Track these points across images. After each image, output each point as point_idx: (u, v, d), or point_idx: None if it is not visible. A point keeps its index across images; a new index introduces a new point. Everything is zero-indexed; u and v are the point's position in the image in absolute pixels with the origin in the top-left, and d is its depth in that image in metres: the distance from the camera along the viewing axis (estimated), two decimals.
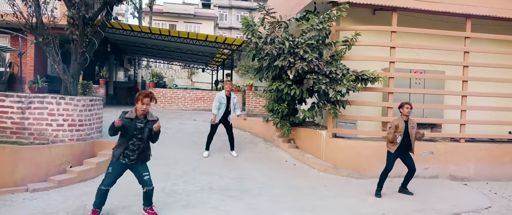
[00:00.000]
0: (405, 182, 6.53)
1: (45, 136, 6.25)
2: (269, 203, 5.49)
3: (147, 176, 4.65)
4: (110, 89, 23.94)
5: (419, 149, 7.92)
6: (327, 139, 8.14)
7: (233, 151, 8.24)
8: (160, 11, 41.21)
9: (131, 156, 4.49)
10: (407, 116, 6.13)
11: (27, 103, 6.16)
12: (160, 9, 41.53)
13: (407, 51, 8.51)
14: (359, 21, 8.73)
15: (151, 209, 4.78)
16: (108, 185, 4.52)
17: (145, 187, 4.66)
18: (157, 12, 40.21)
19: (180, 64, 33.46)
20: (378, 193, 6.24)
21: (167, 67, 40.96)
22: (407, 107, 6.08)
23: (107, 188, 4.53)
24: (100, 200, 4.53)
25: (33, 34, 6.42)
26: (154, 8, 39.44)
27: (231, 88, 8.00)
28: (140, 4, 35.86)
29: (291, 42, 7.44)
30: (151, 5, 35.63)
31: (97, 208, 4.55)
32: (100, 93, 15.67)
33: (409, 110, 6.09)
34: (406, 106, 6.09)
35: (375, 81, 7.65)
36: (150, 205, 4.78)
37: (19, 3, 6.25)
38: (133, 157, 4.50)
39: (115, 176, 4.55)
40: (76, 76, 6.65)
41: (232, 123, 11.39)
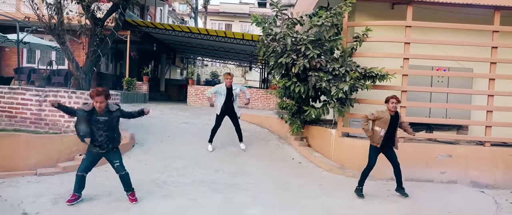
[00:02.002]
0: (398, 181, 6.17)
1: (58, 126, 6.91)
2: (248, 198, 5.54)
3: (117, 163, 4.97)
4: (162, 86, 25.38)
5: (436, 151, 7.43)
6: (336, 138, 7.94)
7: (242, 143, 8.31)
8: (216, 11, 42.46)
9: (102, 146, 4.84)
10: (393, 111, 5.81)
11: (44, 96, 6.85)
12: (216, 9, 42.79)
13: (430, 47, 7.96)
14: (375, 16, 8.39)
15: (131, 194, 5.08)
16: (83, 171, 4.89)
17: (118, 173, 5.00)
18: (213, 12, 41.53)
19: (235, 63, 34.31)
20: (360, 193, 5.96)
21: (223, 66, 42.29)
22: (392, 101, 5.77)
23: (82, 174, 4.88)
24: (78, 185, 4.90)
25: (51, 35, 7.12)
26: (210, 8, 40.87)
27: (231, 82, 8.03)
28: (196, 4, 37.36)
29: (293, 39, 7.37)
30: (206, 5, 36.95)
31: (76, 192, 4.92)
32: (143, 90, 16.67)
33: (395, 105, 5.76)
34: (392, 101, 5.77)
35: (383, 79, 7.31)
36: (130, 190, 5.08)
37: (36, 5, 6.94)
38: (104, 146, 4.84)
39: (89, 162, 4.92)
40: (88, 72, 7.24)
41: (252, 120, 11.57)
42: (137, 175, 6.36)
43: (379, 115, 5.87)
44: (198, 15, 39.07)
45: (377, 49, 8.08)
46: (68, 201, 4.85)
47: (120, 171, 4.99)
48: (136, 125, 9.57)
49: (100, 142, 4.81)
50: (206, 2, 36.10)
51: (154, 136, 8.81)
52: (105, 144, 4.85)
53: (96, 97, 4.64)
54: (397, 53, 7.69)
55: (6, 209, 4.66)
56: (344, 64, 7.43)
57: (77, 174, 4.88)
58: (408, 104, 7.76)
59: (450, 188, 7.00)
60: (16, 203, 4.84)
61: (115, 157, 4.99)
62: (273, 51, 7.76)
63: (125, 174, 5.02)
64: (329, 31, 7.84)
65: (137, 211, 4.81)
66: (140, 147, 7.94)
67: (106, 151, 4.90)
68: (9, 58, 16.70)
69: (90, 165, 4.95)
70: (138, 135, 8.63)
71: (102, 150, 4.87)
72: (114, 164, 4.98)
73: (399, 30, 7.92)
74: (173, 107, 15.15)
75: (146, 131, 9.18)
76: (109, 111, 4.84)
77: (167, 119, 11.22)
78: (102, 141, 4.81)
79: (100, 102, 4.66)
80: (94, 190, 5.42)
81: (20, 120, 6.92)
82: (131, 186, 5.09)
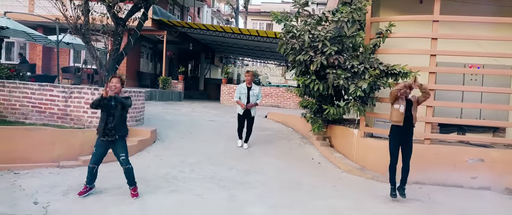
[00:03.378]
0: (402, 180, 5.75)
1: (82, 121, 7.26)
2: (253, 196, 5.48)
3: (123, 157, 5.14)
4: (201, 85, 25.95)
5: (466, 154, 6.92)
6: (358, 138, 7.65)
7: (245, 143, 8.24)
8: (257, 11, 42.61)
9: (110, 131, 5.04)
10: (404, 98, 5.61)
11: (69, 93, 7.23)
12: (258, 9, 42.92)
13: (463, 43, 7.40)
14: (402, 12, 7.98)
15: (133, 189, 5.21)
16: (95, 163, 5.11)
17: (122, 167, 5.17)
18: (254, 12, 41.70)
19: (274, 63, 34.26)
20: (393, 192, 5.71)
21: (263, 66, 42.41)
22: None
23: (94, 166, 5.10)
24: (90, 176, 5.12)
25: (77, 34, 7.51)
26: (251, 8, 41.12)
27: (251, 79, 8.00)
28: (237, 5, 37.75)
29: (311, 35, 7.19)
30: (246, 5, 37.24)
31: (88, 184, 5.15)
32: (178, 88, 17.12)
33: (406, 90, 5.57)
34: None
35: (406, 77, 6.91)
36: (132, 185, 5.22)
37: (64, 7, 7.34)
38: (112, 132, 5.04)
39: (99, 154, 5.13)
40: (111, 70, 7.53)
41: (278, 119, 11.45)
42: (151, 170, 6.54)
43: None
44: (240, 15, 39.49)
45: (404, 46, 7.66)
46: (79, 193, 5.08)
47: (124, 165, 5.14)
48: (162, 122, 9.86)
49: (109, 128, 5.02)
50: (246, 2, 36.36)
51: (177, 133, 9.00)
52: (114, 130, 5.04)
53: (113, 79, 5.07)
54: (423, 50, 7.24)
55: (20, 198, 4.96)
56: (365, 62, 7.12)
57: (88, 166, 5.13)
58: (436, 104, 7.30)
59: (479, 195, 6.48)
60: (31, 193, 5.13)
61: (122, 151, 5.16)
62: (292, 48, 7.62)
63: (129, 169, 5.16)
64: (351, 28, 7.57)
65: (140, 204, 4.93)
66: (161, 143, 8.14)
67: (114, 140, 5.08)
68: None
69: (100, 156, 5.15)
70: (162, 131, 8.87)
71: (111, 138, 5.04)
72: (120, 157, 5.14)
73: (428, 26, 7.45)
74: (206, 105, 15.42)
75: (171, 127, 9.41)
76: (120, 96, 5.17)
77: (195, 116, 11.44)
78: (112, 127, 5.02)
79: (115, 82, 5.03)
80: (105, 183, 5.62)
81: (49, 115, 7.34)
82: (134, 181, 5.22)
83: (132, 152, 7.29)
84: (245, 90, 7.95)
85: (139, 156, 7.28)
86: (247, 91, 7.95)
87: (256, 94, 8.01)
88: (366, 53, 7.29)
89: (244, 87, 8.00)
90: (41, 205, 4.72)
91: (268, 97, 16.72)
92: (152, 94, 14.97)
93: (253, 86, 8.05)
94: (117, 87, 5.10)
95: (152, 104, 13.52)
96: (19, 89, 7.41)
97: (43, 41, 13.56)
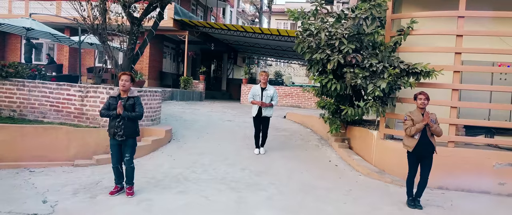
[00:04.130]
0: (418, 192, 5.39)
1: (97, 120, 7.32)
2: (262, 199, 5.31)
3: (127, 157, 5.12)
4: (223, 85, 26.00)
5: (493, 158, 6.48)
6: (378, 140, 7.34)
7: (262, 148, 7.81)
8: (281, 11, 42.34)
9: (119, 132, 4.98)
10: (423, 109, 5.21)
11: (85, 92, 7.30)
12: (282, 9, 42.61)
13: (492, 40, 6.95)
14: (426, 7, 7.57)
15: (129, 188, 5.20)
16: (116, 163, 5.17)
17: (125, 165, 5.18)
18: (278, 11, 41.46)
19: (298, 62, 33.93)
20: (410, 203, 5.38)
21: (287, 66, 42.14)
22: (421, 98, 5.20)
23: (116, 166, 5.16)
24: (116, 176, 5.22)
25: (94, 34, 7.58)
26: (275, 8, 40.94)
27: (265, 79, 7.59)
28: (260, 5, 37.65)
29: (327, 33, 6.94)
30: (270, 5, 37.07)
31: (117, 184, 5.24)
32: (199, 88, 17.16)
33: (423, 101, 5.18)
34: (420, 97, 5.21)
35: (428, 76, 6.55)
36: (129, 184, 5.22)
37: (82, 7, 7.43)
38: (120, 133, 4.98)
39: (116, 154, 5.15)
40: (126, 69, 7.54)
41: (296, 120, 11.21)
42: (163, 170, 6.50)
43: (412, 114, 5.30)
44: (264, 15, 39.36)
45: (426, 44, 7.28)
46: (110, 192, 5.15)
47: (127, 164, 5.16)
48: (179, 121, 9.86)
49: (118, 127, 4.97)
50: (270, 2, 36.18)
51: (193, 132, 8.96)
52: (123, 130, 4.98)
53: (123, 76, 5.02)
54: (447, 47, 6.85)
55: (31, 196, 5.01)
56: (384, 60, 6.80)
57: (112, 167, 5.20)
58: (461, 104, 6.89)
59: (508, 203, 6.03)
60: (42, 191, 5.18)
61: (128, 151, 5.14)
62: (309, 47, 7.39)
63: (131, 168, 5.18)
64: (371, 25, 7.28)
65: (146, 205, 4.86)
66: (176, 142, 8.10)
67: (124, 139, 5.04)
68: (83, 58, 18.28)
69: (118, 155, 5.16)
70: (178, 131, 8.85)
71: (121, 138, 5.01)
72: (125, 157, 5.14)
73: (452, 22, 7.04)
74: (226, 105, 15.37)
75: (187, 127, 9.39)
76: (130, 97, 5.11)
77: (213, 116, 11.38)
78: (121, 126, 4.96)
79: (125, 80, 4.99)
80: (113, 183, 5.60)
81: (66, 114, 7.45)
82: (132, 181, 5.23)
83: (145, 151, 7.33)
84: (259, 91, 7.56)
85: (153, 156, 7.27)
86: (260, 92, 7.55)
87: (270, 96, 7.56)
88: (386, 51, 6.96)
89: (258, 89, 7.64)
90: (49, 204, 4.74)
91: (288, 98, 16.49)
92: (173, 94, 15.06)
93: (268, 87, 7.65)
94: (127, 85, 5.07)
95: (172, 104, 13.61)
96: (38, 88, 7.56)
97: (67, 42, 13.90)
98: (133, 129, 5.14)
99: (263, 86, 7.62)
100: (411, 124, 5.22)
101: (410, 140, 5.25)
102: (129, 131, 5.06)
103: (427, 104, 5.22)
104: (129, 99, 5.09)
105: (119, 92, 5.12)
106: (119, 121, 4.99)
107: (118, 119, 4.98)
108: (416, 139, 5.18)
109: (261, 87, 7.62)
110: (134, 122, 5.16)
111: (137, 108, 5.12)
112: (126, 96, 5.10)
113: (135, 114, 5.08)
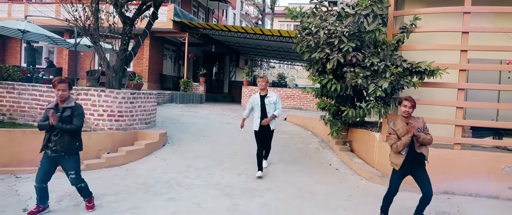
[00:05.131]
0: (419, 209, 4.64)
1: (88, 124, 7.06)
2: (257, 206, 5.02)
3: (72, 176, 4.40)
4: (225, 88, 25.77)
5: (502, 161, 6.15)
6: (380, 142, 7.02)
7: (265, 161, 6.89)
8: (283, 12, 42.06)
9: (53, 147, 4.28)
10: (407, 117, 4.45)
11: (76, 95, 7.06)
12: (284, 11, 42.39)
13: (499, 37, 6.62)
14: (430, 3, 7.25)
15: (88, 201, 4.61)
16: (40, 181, 4.33)
17: (73, 186, 4.50)
18: (281, 13, 41.16)
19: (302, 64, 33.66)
20: None
21: (290, 68, 41.89)
22: (405, 104, 4.41)
23: (40, 185, 4.33)
24: (39, 196, 4.38)
25: (85, 35, 7.35)
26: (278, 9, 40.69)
27: (264, 86, 6.40)
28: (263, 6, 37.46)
29: (326, 31, 6.65)
30: (273, 7, 36.85)
31: (38, 203, 4.42)
32: (200, 91, 16.91)
33: (407, 109, 4.39)
34: (404, 104, 4.42)
35: (432, 75, 6.23)
36: (89, 196, 4.63)
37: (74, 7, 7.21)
38: (55, 148, 4.28)
39: (44, 170, 4.36)
40: (118, 71, 7.30)
41: (297, 122, 10.91)
42: (155, 175, 6.24)
43: (395, 126, 4.49)
44: (267, 16, 39.14)
45: (431, 41, 6.97)
46: (29, 213, 4.36)
47: (75, 184, 4.45)
48: (176, 124, 9.59)
49: (52, 141, 4.28)
50: (272, 3, 35.95)
51: (189, 135, 8.69)
52: (59, 144, 4.27)
53: (59, 84, 4.24)
54: (452, 45, 6.53)
55: (11, 204, 4.76)
56: (386, 59, 6.50)
57: (34, 186, 4.39)
58: (467, 104, 6.57)
59: None
60: (24, 199, 4.93)
61: (71, 167, 4.38)
62: (307, 45, 7.10)
63: (82, 188, 4.51)
64: (372, 23, 6.99)
65: (132, 213, 4.58)
66: (171, 146, 7.84)
67: (60, 155, 4.30)
68: (83, 62, 18.15)
69: (46, 173, 4.37)
70: (173, 134, 8.59)
71: (55, 153, 4.28)
72: (69, 175, 4.40)
73: (458, 18, 6.72)
74: (226, 108, 15.10)
75: (184, 130, 9.12)
76: (67, 107, 4.33)
77: (212, 119, 11.11)
78: (56, 141, 4.27)
79: (62, 90, 4.24)
80: (102, 189, 5.37)
81: None
82: (89, 194, 4.63)
83: (138, 155, 7.07)
84: (258, 100, 6.38)
85: (146, 160, 7.01)
86: (260, 101, 6.38)
87: (274, 102, 6.38)
88: (388, 50, 6.66)
89: (256, 98, 6.44)
90: None
91: (290, 100, 16.19)
92: (173, 96, 14.83)
93: (269, 93, 6.45)
94: (65, 95, 4.30)
95: (171, 106, 13.36)
96: (28, 91, 7.33)
97: (64, 44, 13.72)
98: (73, 144, 4.37)
99: (262, 93, 6.45)
100: (396, 138, 4.43)
101: (396, 157, 4.46)
102: (66, 145, 4.28)
103: (411, 113, 4.43)
104: (66, 110, 4.30)
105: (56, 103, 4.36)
106: (55, 134, 4.26)
107: (54, 132, 4.26)
108: (404, 155, 4.40)
109: (260, 95, 6.46)
110: (74, 136, 4.40)
111: (74, 120, 4.32)
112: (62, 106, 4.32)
113: (69, 126, 4.26)
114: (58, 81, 4.27)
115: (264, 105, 6.35)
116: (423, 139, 4.36)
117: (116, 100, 7.13)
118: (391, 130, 4.51)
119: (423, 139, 4.36)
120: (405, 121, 4.45)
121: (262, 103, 6.37)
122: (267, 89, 6.47)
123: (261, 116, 6.35)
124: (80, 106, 4.47)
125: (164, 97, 14.32)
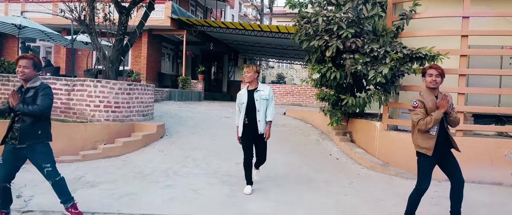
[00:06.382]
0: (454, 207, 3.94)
1: (84, 115, 6.96)
2: (256, 193, 4.92)
3: (47, 169, 3.69)
4: (224, 87, 25.66)
5: (504, 147, 6.05)
6: (381, 131, 6.92)
7: (257, 170, 5.26)
8: (282, 12, 42.05)
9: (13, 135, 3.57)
10: (435, 89, 3.66)
11: (72, 86, 6.96)
12: (283, 11, 42.31)
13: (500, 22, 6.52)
14: None
15: (73, 207, 3.86)
16: (2, 180, 3.59)
17: (48, 181, 3.77)
18: (279, 13, 41.16)
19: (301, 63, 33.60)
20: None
21: (289, 67, 41.87)
22: (431, 73, 3.62)
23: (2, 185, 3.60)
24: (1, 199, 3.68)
25: (81, 25, 7.25)
26: (276, 9, 40.64)
27: (251, 77, 4.80)
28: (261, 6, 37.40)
29: (325, 18, 6.57)
30: (271, 6, 36.78)
31: (2, 209, 3.73)
32: (198, 88, 16.81)
33: (434, 77, 3.59)
34: (430, 73, 3.63)
35: (433, 60, 6.14)
36: (70, 201, 3.86)
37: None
38: (16, 137, 3.54)
39: (6, 166, 3.60)
40: (115, 62, 7.21)
41: (296, 116, 10.78)
42: (152, 165, 6.13)
43: (424, 98, 3.64)
44: (265, 17, 39.07)
45: (431, 27, 6.88)
46: None
47: (51, 178, 3.73)
48: (174, 118, 9.49)
49: (15, 129, 3.56)
50: (270, 3, 35.88)
51: (187, 128, 8.59)
52: (20, 131, 3.53)
53: (20, 60, 3.51)
54: (453, 31, 6.44)
55: None
56: (385, 45, 6.41)
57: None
58: (469, 90, 6.47)
59: None
60: (18, 187, 4.81)
61: (42, 159, 3.66)
62: (306, 34, 7.02)
63: (59, 180, 3.78)
64: (371, 10, 6.91)
65: (129, 200, 4.48)
66: (169, 138, 7.73)
67: (25, 146, 3.56)
68: (81, 61, 18.04)
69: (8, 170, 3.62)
70: (171, 127, 8.49)
71: (20, 144, 3.53)
72: (43, 168, 3.67)
73: (458, 4, 6.64)
74: (225, 105, 15.00)
75: (182, 123, 9.02)
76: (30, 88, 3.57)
77: (210, 114, 11.01)
78: (19, 128, 3.53)
79: (24, 67, 3.48)
80: (99, 177, 5.27)
81: (52, 109, 7.08)
82: (69, 196, 3.87)
83: (135, 147, 6.98)
84: (246, 97, 4.81)
85: (143, 151, 6.91)
86: (247, 97, 4.80)
87: (266, 98, 4.79)
88: (388, 37, 6.58)
89: (243, 93, 4.89)
90: (24, 198, 4.41)
91: (289, 96, 16.09)
92: (171, 94, 14.73)
93: (260, 86, 4.87)
94: (27, 73, 3.51)
95: (169, 103, 13.26)
96: None
97: (62, 42, 13.62)
98: (35, 131, 3.58)
99: (251, 87, 4.88)
100: (424, 112, 3.58)
101: (425, 138, 3.62)
102: (28, 132, 3.54)
103: (440, 83, 3.63)
104: (29, 91, 3.55)
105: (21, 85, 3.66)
106: (17, 120, 3.55)
107: (16, 118, 3.56)
108: (434, 136, 3.59)
109: (248, 90, 4.88)
110: (39, 122, 3.61)
111: (38, 100, 3.51)
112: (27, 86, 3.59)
113: (31, 107, 3.45)
114: (21, 57, 3.56)
115: (254, 102, 4.75)
116: (455, 117, 3.65)
117: (113, 91, 7.03)
118: (418, 102, 3.62)
119: (455, 117, 3.65)
120: (433, 93, 3.66)
121: (250, 99, 4.77)
122: (257, 82, 4.90)
123: (248, 116, 4.79)
124: (48, 87, 3.64)
125: (162, 95, 14.22)
